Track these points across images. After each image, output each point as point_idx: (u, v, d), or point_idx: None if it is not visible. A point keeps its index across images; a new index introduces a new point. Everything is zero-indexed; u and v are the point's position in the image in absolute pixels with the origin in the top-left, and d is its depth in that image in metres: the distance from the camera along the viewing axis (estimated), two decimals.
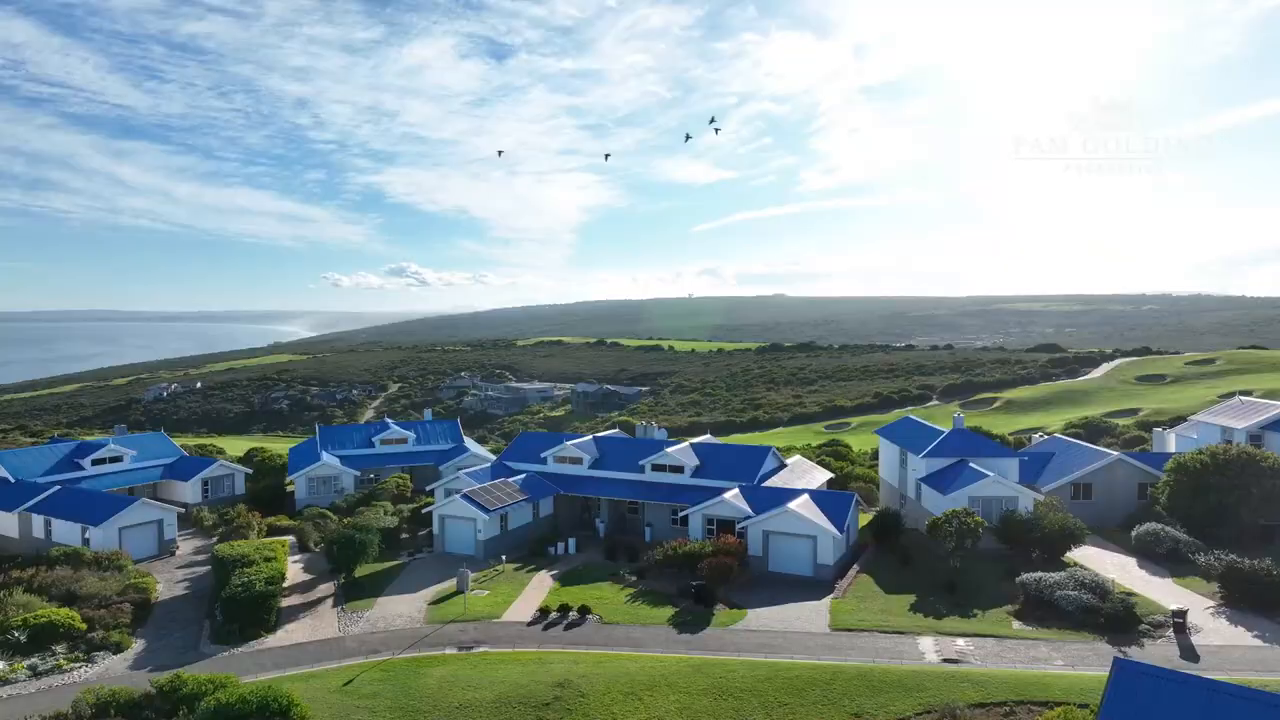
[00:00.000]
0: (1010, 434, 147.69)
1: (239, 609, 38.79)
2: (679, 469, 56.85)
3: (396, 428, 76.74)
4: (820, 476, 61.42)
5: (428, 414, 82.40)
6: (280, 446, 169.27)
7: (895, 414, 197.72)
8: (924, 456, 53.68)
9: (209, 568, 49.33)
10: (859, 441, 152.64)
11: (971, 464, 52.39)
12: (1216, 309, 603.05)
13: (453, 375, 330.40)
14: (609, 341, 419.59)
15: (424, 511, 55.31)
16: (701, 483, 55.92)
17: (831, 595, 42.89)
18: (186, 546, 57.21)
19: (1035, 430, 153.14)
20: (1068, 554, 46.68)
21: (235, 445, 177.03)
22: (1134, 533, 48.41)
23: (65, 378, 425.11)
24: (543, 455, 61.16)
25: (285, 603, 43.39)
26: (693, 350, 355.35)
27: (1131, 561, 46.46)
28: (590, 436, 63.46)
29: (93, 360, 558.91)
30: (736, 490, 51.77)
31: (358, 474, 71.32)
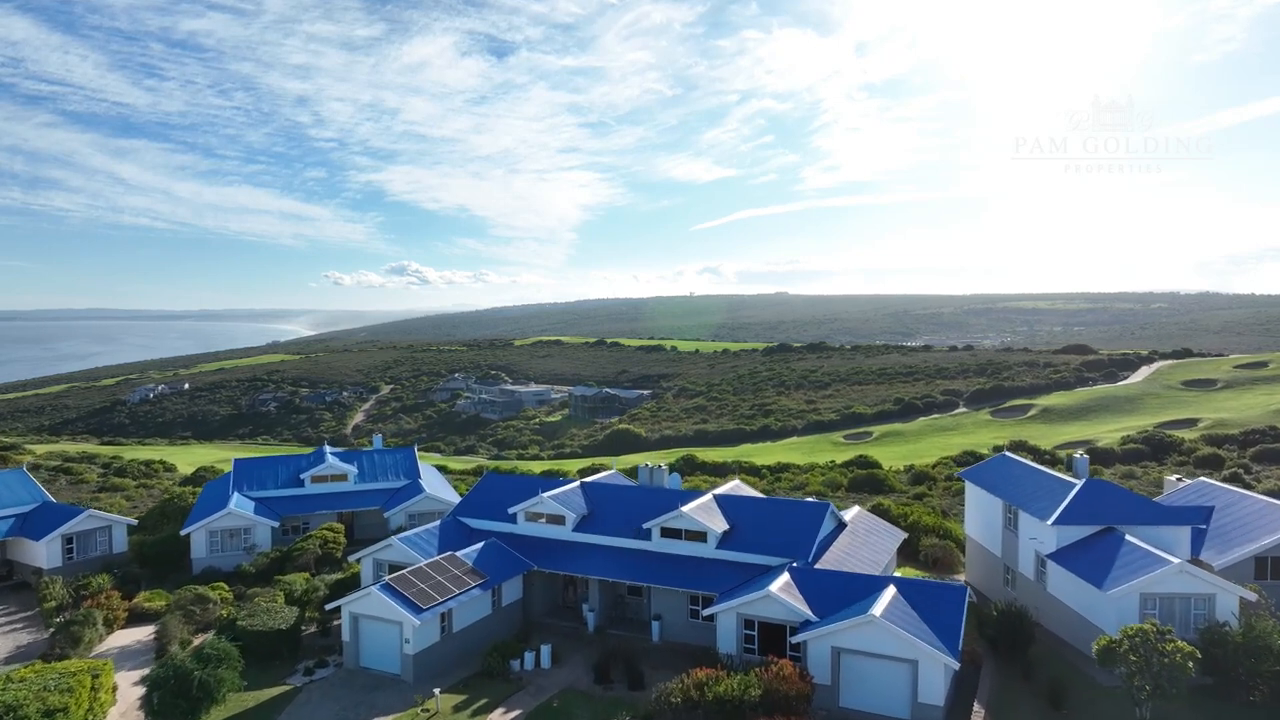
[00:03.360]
0: (1055, 448, 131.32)
1: None
2: (699, 536, 40.30)
3: (334, 460, 60.14)
4: (890, 541, 44.90)
5: (377, 439, 66.02)
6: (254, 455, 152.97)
7: (920, 422, 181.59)
8: (1055, 524, 37.07)
9: None
10: (886, 455, 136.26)
11: (1128, 537, 35.84)
12: (1226, 307, 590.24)
13: (447, 376, 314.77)
14: (609, 341, 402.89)
15: (329, 608, 38.55)
16: (732, 557, 39.42)
17: None
18: (5, 644, 40.66)
19: (1082, 443, 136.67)
20: None
21: (197, 457, 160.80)
22: None
23: (55, 378, 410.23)
24: (511, 511, 44.54)
25: None
26: (696, 350, 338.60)
27: None
28: (577, 484, 46.85)
29: (91, 359, 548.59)
30: (786, 577, 35.23)
31: (276, 524, 54.84)
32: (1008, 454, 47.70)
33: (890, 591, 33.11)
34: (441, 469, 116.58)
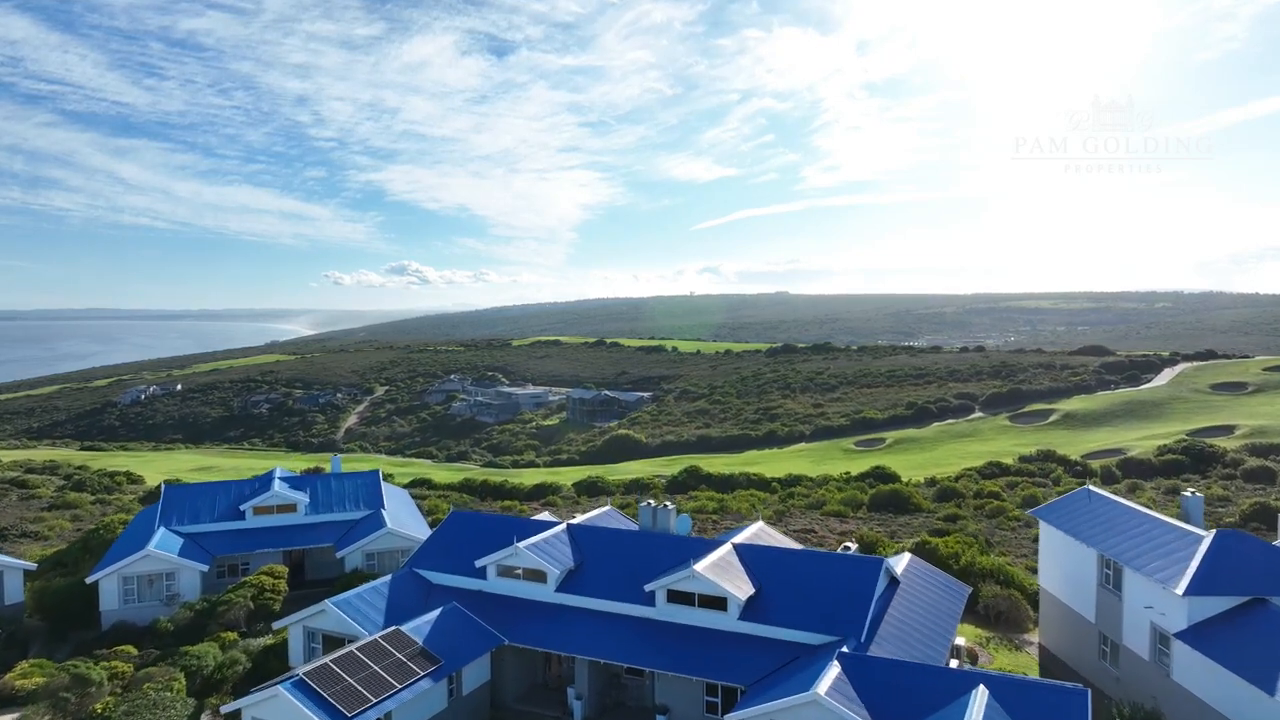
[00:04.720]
0: (1083, 457, 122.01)
1: None
2: (718, 603, 31.44)
3: (281, 488, 51.27)
4: (954, 602, 35.93)
5: (335, 461, 57.18)
6: (236, 465, 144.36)
7: (934, 427, 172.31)
8: (1189, 594, 28.23)
9: None
10: (902, 464, 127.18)
11: None
12: (1231, 306, 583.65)
13: (443, 378, 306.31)
14: (609, 342, 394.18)
15: (225, 711, 29.59)
16: (761, 631, 30.59)
17: None
18: None
19: (1112, 452, 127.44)
20: None
21: (177, 464, 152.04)
22: None
23: (50, 378, 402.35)
24: (479, 564, 35.66)
25: None
26: (698, 351, 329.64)
27: None
28: (563, 527, 37.88)
29: (90, 359, 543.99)
30: (836, 670, 26.34)
31: (206, 568, 45.99)
32: (1092, 489, 38.81)
33: (981, 697, 24.28)
34: (425, 481, 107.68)
